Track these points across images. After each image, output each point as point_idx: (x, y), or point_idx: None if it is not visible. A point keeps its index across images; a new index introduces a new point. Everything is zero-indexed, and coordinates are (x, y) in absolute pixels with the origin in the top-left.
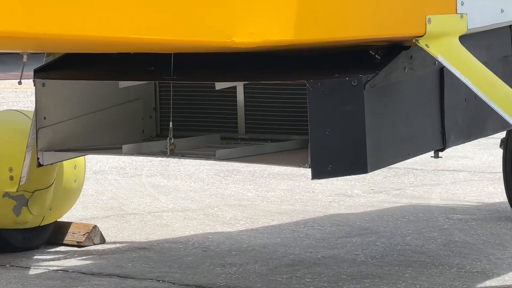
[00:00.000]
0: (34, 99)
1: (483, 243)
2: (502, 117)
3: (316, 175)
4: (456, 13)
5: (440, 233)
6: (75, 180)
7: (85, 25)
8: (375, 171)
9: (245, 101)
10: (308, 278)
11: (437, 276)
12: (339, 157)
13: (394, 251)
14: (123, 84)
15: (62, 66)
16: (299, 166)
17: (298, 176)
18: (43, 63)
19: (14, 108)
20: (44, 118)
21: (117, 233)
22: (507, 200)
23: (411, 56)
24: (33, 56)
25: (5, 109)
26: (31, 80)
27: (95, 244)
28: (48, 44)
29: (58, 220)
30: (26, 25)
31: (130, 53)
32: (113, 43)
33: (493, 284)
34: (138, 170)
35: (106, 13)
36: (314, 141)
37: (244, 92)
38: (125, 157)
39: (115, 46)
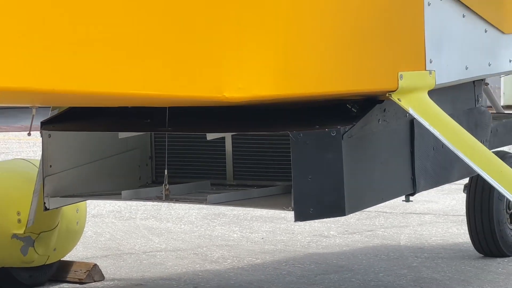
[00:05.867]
0: (36, 149)
1: (449, 279)
2: (467, 165)
3: (298, 217)
4: (425, 70)
5: (410, 270)
6: (77, 222)
7: (88, 81)
8: (352, 214)
9: (233, 150)
10: None
11: None
12: (319, 202)
13: (368, 287)
14: (122, 135)
15: (66, 118)
16: (283, 209)
17: (279, 219)
18: (49, 116)
19: (19, 157)
20: (50, 166)
21: (115, 271)
22: (470, 241)
23: (385, 109)
24: (39, 109)
25: (10, 158)
26: (38, 132)
27: (95, 281)
28: (55, 98)
29: (61, 259)
30: (36, 82)
31: (128, 106)
32: (114, 97)
33: None
34: (132, 214)
35: (107, 70)
36: (297, 186)
37: (232, 142)
38: (121, 201)
39: (116, 100)
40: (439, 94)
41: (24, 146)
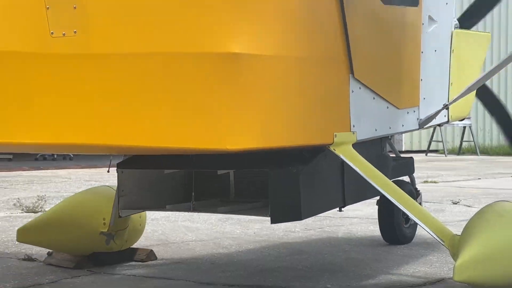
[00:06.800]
0: (117, 180)
1: (367, 258)
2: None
3: (273, 221)
4: (350, 131)
5: (343, 253)
6: (140, 224)
7: (143, 140)
8: (308, 218)
9: (234, 179)
10: (270, 278)
11: (342, 277)
12: (285, 211)
13: (318, 264)
14: (167, 171)
15: (133, 161)
16: (264, 216)
17: (265, 221)
18: (122, 159)
19: (107, 184)
20: (122, 190)
21: (163, 253)
22: (381, 235)
23: (326, 155)
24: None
25: (101, 185)
26: (115, 169)
27: (151, 260)
28: (127, 150)
29: (130, 247)
30: (117, 140)
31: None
32: (162, 150)
33: (372, 282)
34: (176, 218)
35: (152, 132)
36: (272, 202)
37: (234, 174)
38: (167, 211)
39: (164, 151)
40: (359, 146)
41: (112, 177)
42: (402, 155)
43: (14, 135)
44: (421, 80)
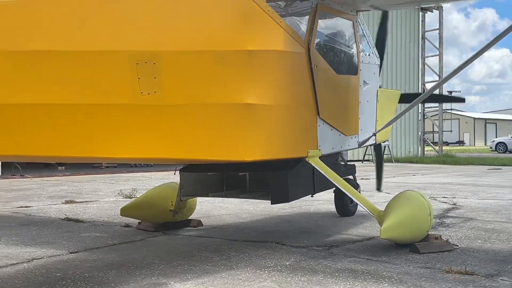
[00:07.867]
0: (179, 178)
1: (329, 225)
2: (334, 183)
3: (272, 203)
4: (318, 149)
5: (314, 221)
6: (193, 205)
7: (196, 155)
8: (293, 201)
9: (249, 178)
10: (271, 237)
11: (313, 236)
12: (279, 196)
13: (299, 228)
14: (209, 173)
15: (189, 167)
16: (267, 200)
17: (267, 203)
18: (182, 166)
19: (173, 181)
20: (183, 185)
21: (207, 222)
22: (336, 210)
23: (303, 163)
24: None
25: (170, 181)
26: (179, 172)
27: (200, 226)
28: (186, 161)
29: (187, 218)
30: (181, 155)
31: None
32: (207, 161)
33: (331, 239)
34: (214, 201)
35: (203, 152)
36: (271, 191)
37: (249, 175)
38: (209, 197)
39: (208, 161)
40: (323, 158)
41: (176, 177)
42: (349, 163)
43: (118, 152)
44: (359, 118)
